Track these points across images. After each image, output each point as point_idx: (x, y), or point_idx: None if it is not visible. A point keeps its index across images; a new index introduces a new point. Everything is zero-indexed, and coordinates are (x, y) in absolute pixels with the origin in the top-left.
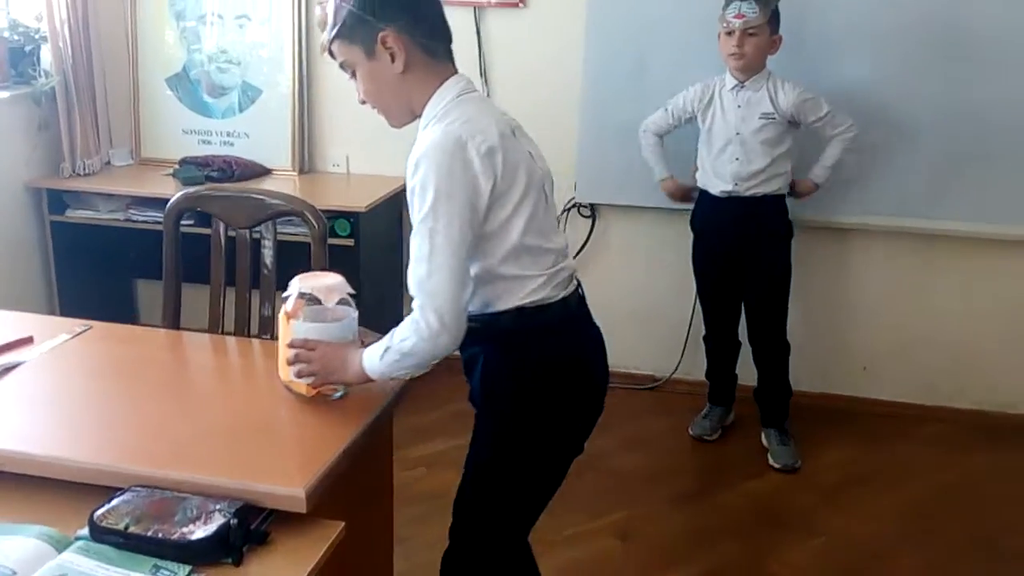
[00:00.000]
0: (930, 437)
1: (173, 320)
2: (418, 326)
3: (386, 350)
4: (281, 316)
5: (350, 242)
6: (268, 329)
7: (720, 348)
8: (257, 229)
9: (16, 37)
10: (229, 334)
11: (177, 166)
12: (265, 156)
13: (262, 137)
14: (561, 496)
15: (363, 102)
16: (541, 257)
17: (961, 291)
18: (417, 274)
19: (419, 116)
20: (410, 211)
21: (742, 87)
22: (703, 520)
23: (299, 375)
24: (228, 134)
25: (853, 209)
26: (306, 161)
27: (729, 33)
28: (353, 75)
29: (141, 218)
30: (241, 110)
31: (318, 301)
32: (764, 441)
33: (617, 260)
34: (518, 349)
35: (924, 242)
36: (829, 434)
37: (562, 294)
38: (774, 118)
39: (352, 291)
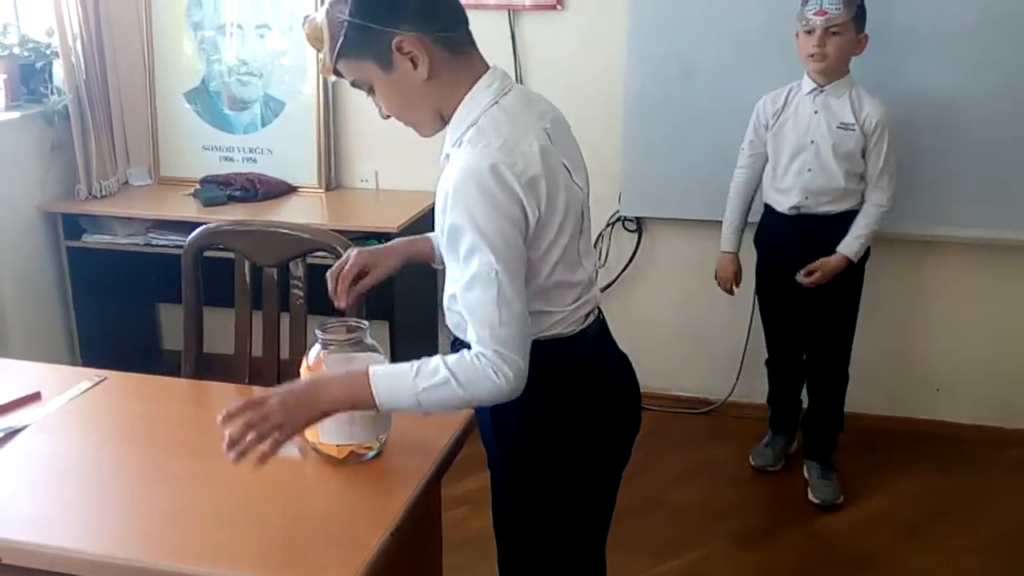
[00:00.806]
0: (1012, 463)
1: (194, 367)
2: (492, 376)
3: (443, 383)
4: (303, 370)
5: None
6: (300, 353)
7: (784, 373)
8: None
9: (27, 54)
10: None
11: (198, 185)
12: (290, 173)
13: (286, 153)
14: (620, 538)
15: (387, 117)
16: (566, 293)
17: None
18: (482, 326)
19: (448, 121)
20: (444, 245)
21: (821, 91)
22: (774, 561)
23: (265, 446)
24: (251, 150)
25: (927, 219)
26: (333, 177)
27: (809, 32)
28: (371, 91)
29: (161, 242)
30: (264, 124)
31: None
32: (805, 473)
33: (665, 276)
34: (530, 388)
35: (1004, 254)
36: (903, 461)
37: (580, 328)
38: (854, 129)
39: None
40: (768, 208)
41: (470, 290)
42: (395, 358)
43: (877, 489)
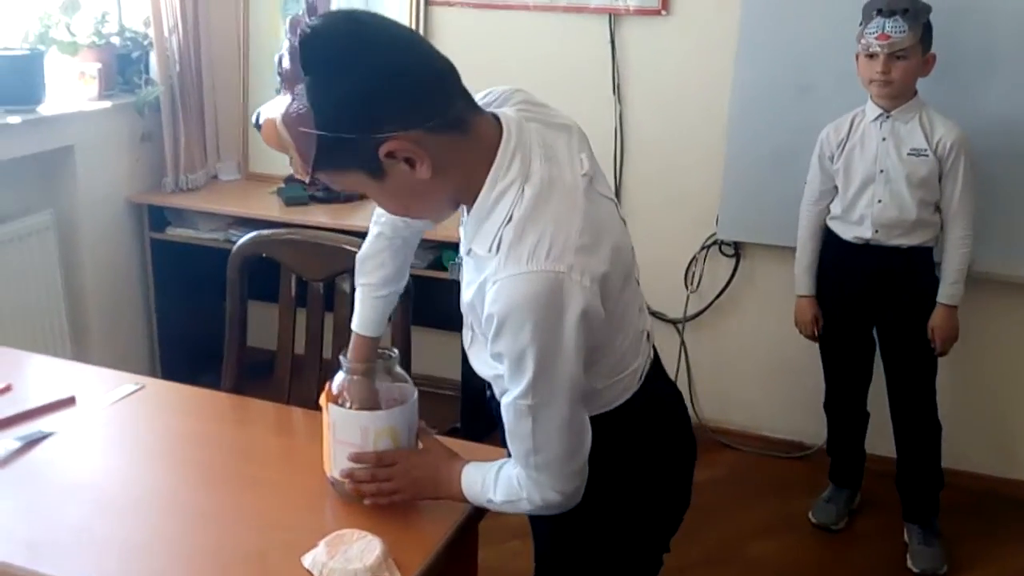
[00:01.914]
0: None
1: (235, 383)
2: (531, 498)
3: (489, 502)
4: (322, 400)
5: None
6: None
7: (844, 419)
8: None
9: (125, 43)
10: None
11: (283, 184)
12: None
13: None
14: None
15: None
16: (629, 361)
17: None
18: (517, 450)
19: (468, 204)
20: (501, 363)
21: (887, 116)
22: None
23: (379, 499)
24: None
25: None
26: None
27: (871, 56)
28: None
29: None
30: None
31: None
32: (905, 537)
33: (763, 307)
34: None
35: None
36: (1013, 531)
37: (638, 386)
38: (927, 155)
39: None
40: (833, 236)
41: (506, 410)
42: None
43: (986, 560)
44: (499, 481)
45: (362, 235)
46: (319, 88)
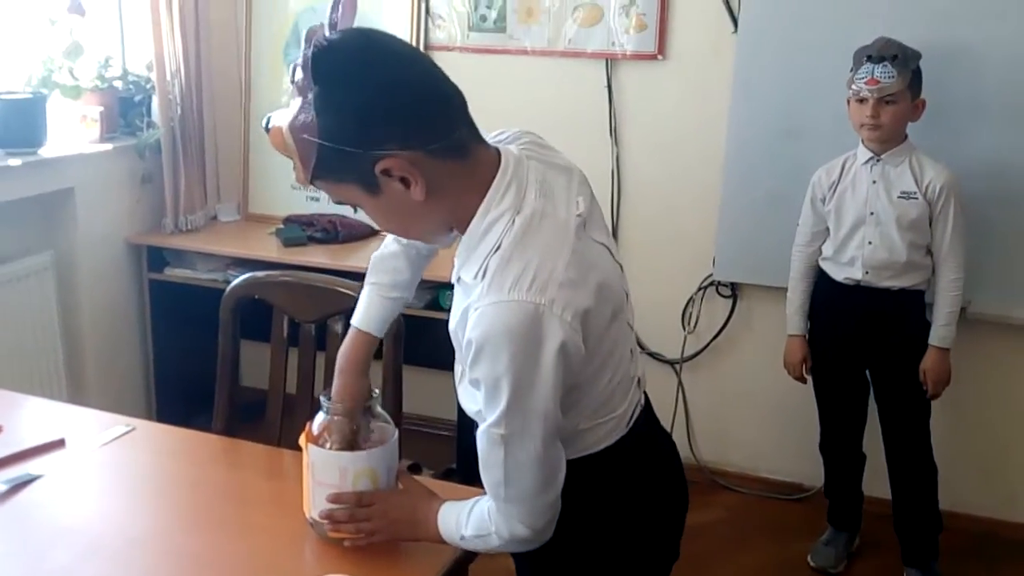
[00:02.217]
0: None
1: (227, 424)
2: (500, 533)
3: (461, 539)
4: (302, 441)
5: None
6: None
7: (840, 461)
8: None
9: (128, 87)
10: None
11: (281, 224)
12: None
13: None
14: None
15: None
16: (618, 401)
17: None
18: (489, 480)
19: (460, 230)
20: (478, 390)
21: (878, 160)
22: None
23: (358, 540)
24: None
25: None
26: None
27: (861, 100)
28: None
29: None
30: None
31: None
32: None
33: (760, 348)
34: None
35: None
36: (1013, 574)
37: (628, 429)
38: (916, 198)
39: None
40: (824, 277)
41: (480, 439)
42: None
43: None
44: (472, 516)
45: (360, 276)
46: (325, 99)
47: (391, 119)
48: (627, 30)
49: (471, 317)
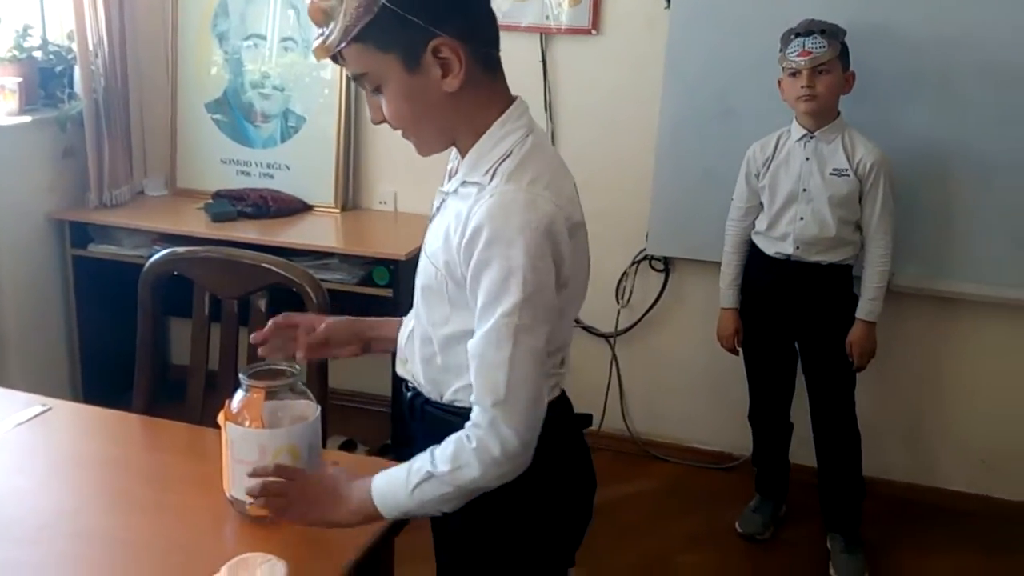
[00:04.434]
0: None
1: (147, 403)
2: (485, 448)
3: (427, 478)
4: (221, 417)
5: (388, 292)
6: None
7: (768, 430)
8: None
9: (49, 57)
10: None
11: (210, 199)
12: (306, 190)
13: (304, 169)
14: None
15: (379, 122)
16: (565, 353)
17: None
18: (493, 382)
19: (458, 145)
20: (472, 288)
21: (811, 137)
22: None
23: (273, 515)
24: (268, 165)
25: (949, 274)
26: (350, 197)
27: (794, 74)
28: (376, 90)
29: None
30: (283, 139)
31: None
32: (828, 546)
33: (692, 321)
34: None
35: None
36: (939, 538)
37: (557, 393)
38: (848, 175)
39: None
40: (757, 252)
41: (485, 337)
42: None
43: (908, 568)
44: (439, 452)
45: (289, 252)
46: None
47: (461, 5)
48: (561, 4)
49: (480, 207)
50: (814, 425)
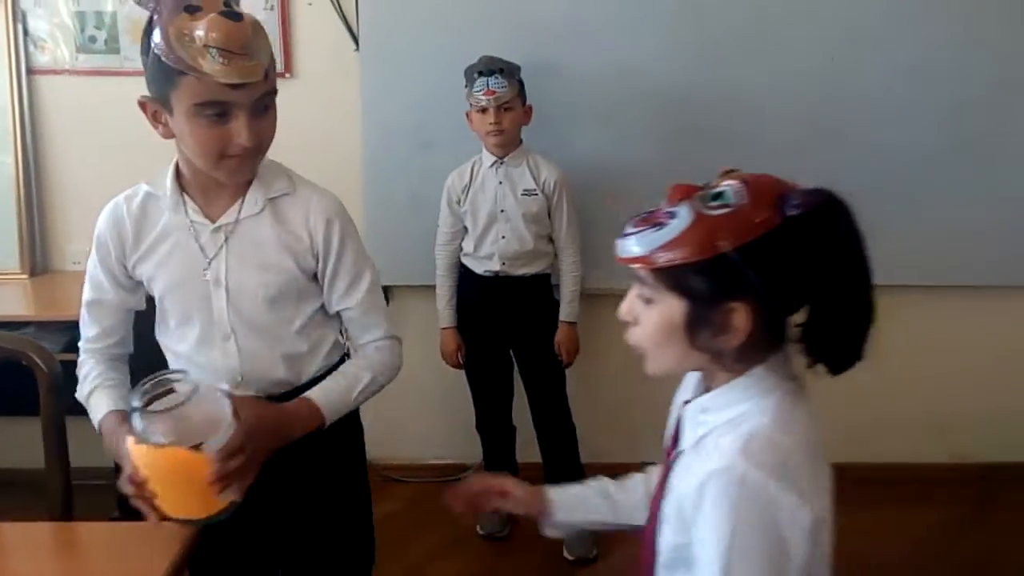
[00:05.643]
0: None
1: None
2: (398, 357)
3: (369, 384)
4: (130, 445)
5: None
6: None
7: (495, 435)
8: None
9: None
10: None
11: None
12: None
13: None
14: None
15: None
16: None
17: None
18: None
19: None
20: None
21: (502, 163)
22: None
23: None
24: None
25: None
26: (38, 260)
27: (482, 111)
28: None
29: None
30: None
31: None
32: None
33: (416, 344)
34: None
35: None
36: None
37: None
38: (536, 194)
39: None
40: (467, 271)
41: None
42: None
43: (627, 541)
44: (376, 366)
45: None
46: None
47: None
48: None
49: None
50: (535, 423)
